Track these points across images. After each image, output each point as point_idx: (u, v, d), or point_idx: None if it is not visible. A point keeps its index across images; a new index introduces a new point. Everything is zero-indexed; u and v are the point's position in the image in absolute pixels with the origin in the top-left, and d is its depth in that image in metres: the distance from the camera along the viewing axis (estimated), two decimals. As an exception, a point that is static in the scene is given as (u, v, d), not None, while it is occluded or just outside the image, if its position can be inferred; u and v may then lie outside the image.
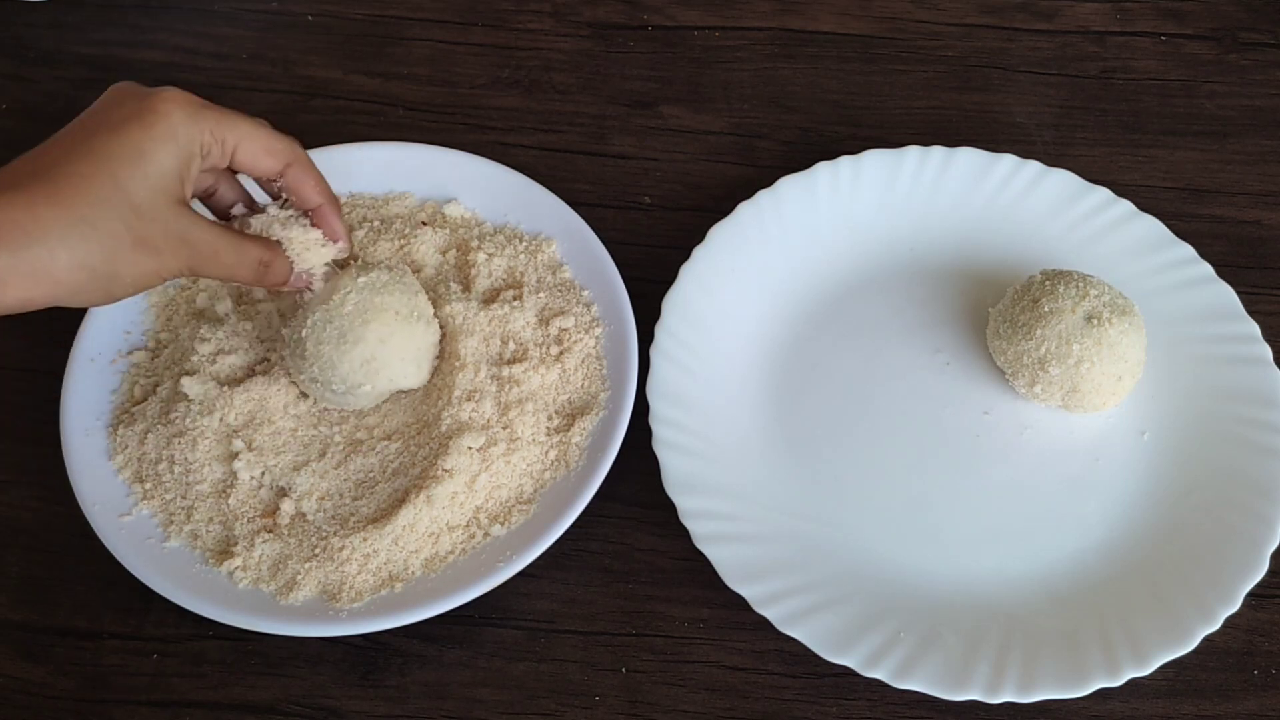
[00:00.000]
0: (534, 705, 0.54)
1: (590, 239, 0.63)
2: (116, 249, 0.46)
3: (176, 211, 0.48)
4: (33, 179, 0.45)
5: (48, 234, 0.44)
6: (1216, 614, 0.53)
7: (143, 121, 0.47)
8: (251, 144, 0.51)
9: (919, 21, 0.76)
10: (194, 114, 0.49)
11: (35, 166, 0.46)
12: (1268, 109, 0.73)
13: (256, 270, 0.52)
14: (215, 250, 0.50)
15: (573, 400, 0.59)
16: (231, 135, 0.50)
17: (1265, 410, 0.59)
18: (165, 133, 0.48)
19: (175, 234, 0.48)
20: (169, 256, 0.48)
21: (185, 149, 0.48)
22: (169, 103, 0.48)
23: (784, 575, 0.54)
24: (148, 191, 0.47)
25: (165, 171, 0.47)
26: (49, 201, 0.44)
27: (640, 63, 0.75)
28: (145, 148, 0.47)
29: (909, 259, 0.65)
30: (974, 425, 0.60)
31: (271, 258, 0.53)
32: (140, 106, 0.48)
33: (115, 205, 0.46)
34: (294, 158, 0.53)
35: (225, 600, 0.53)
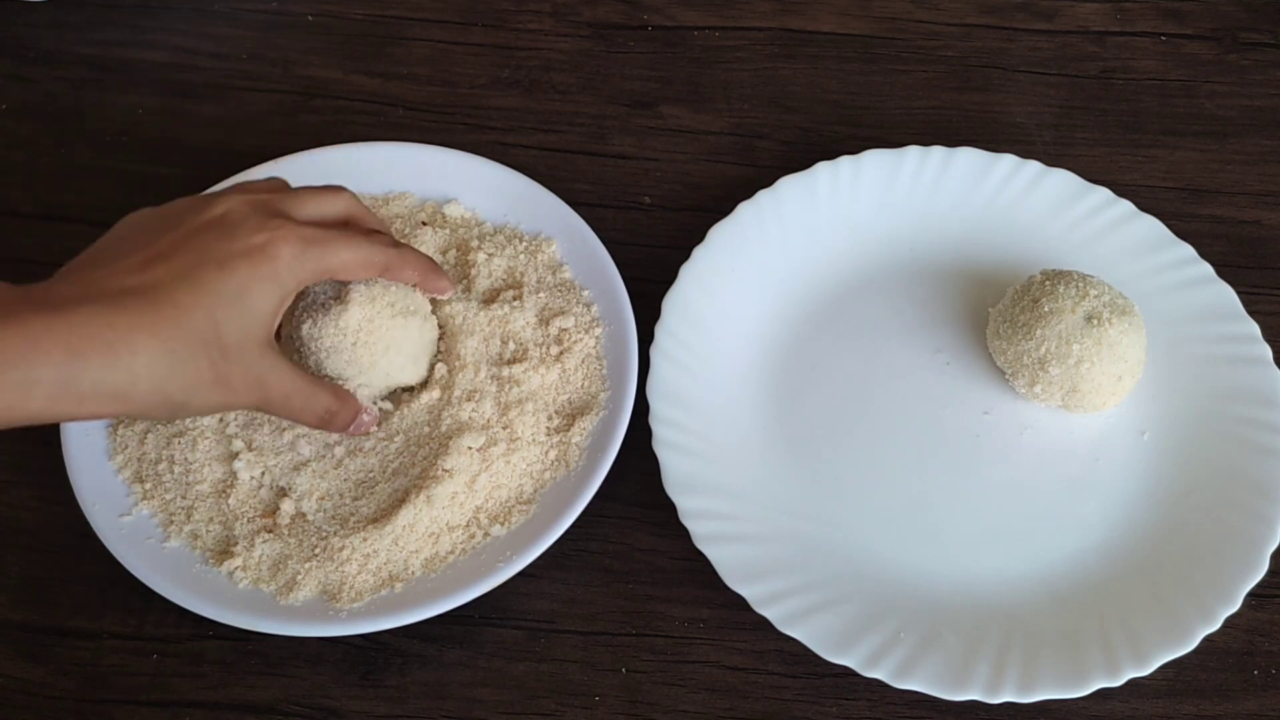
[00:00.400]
0: (534, 705, 0.54)
1: (590, 239, 0.63)
2: (196, 384, 0.46)
3: (260, 354, 0.48)
4: (135, 298, 0.45)
5: (135, 360, 0.44)
6: (1216, 614, 0.53)
7: (251, 261, 0.47)
8: (349, 268, 0.52)
9: (919, 21, 0.76)
10: (301, 255, 0.49)
11: (138, 282, 0.45)
12: (1268, 109, 0.73)
13: (321, 418, 0.52)
14: (286, 395, 0.50)
15: (573, 400, 0.59)
16: (332, 265, 0.51)
17: (1265, 410, 0.59)
18: (270, 275, 0.48)
19: (255, 377, 0.48)
20: (242, 395, 0.48)
21: (284, 290, 0.49)
22: (280, 246, 0.48)
23: (784, 575, 0.54)
24: (240, 333, 0.47)
25: (261, 313, 0.48)
26: (146, 328, 0.44)
27: (640, 63, 0.75)
28: (248, 289, 0.47)
29: (909, 259, 0.65)
30: (974, 425, 0.60)
31: (339, 408, 0.53)
32: (251, 244, 0.48)
33: (205, 343, 0.46)
34: (388, 262, 0.53)
35: (225, 600, 0.53)
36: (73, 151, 0.71)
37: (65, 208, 0.69)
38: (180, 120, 0.72)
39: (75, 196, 0.69)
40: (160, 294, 0.45)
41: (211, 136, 0.71)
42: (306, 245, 0.49)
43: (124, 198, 0.69)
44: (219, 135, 0.71)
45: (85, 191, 0.69)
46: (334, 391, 0.53)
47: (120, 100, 0.73)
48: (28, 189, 0.69)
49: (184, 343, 0.45)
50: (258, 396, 0.49)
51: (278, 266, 0.48)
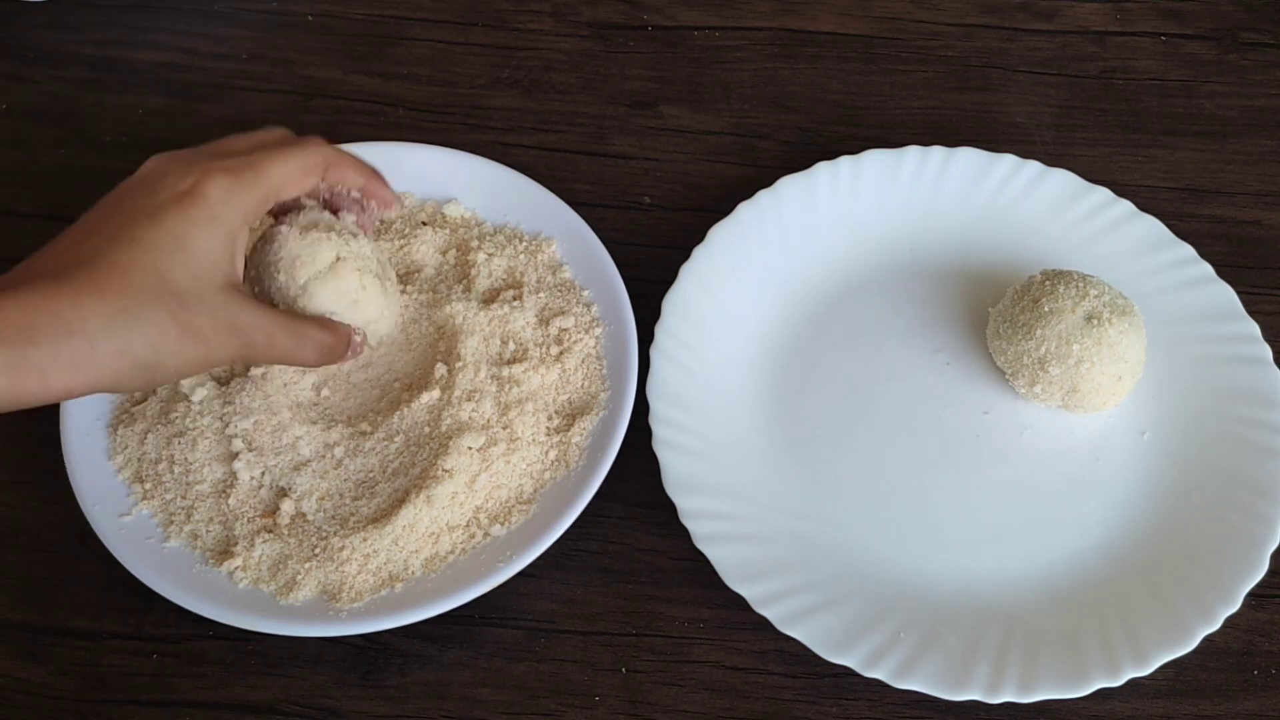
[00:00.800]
0: (534, 705, 0.54)
1: (590, 239, 0.63)
2: (161, 338, 0.45)
3: (224, 297, 0.47)
4: (75, 268, 0.44)
5: (88, 325, 0.43)
6: (1216, 614, 0.53)
7: (181, 206, 0.47)
8: (289, 180, 0.50)
9: (919, 21, 0.76)
10: (232, 188, 0.48)
11: (78, 255, 0.45)
12: (1268, 109, 0.73)
13: (318, 352, 0.51)
14: (270, 336, 0.48)
15: (573, 400, 0.59)
16: (270, 186, 0.49)
17: (1265, 410, 0.59)
18: (204, 215, 0.47)
19: (224, 320, 0.47)
20: (217, 344, 0.47)
21: (228, 227, 0.48)
22: (207, 183, 0.47)
23: (784, 575, 0.54)
24: (191, 279, 0.46)
25: (208, 255, 0.47)
26: (91, 291, 0.44)
27: (640, 63, 0.75)
28: (185, 233, 0.46)
29: (909, 259, 0.65)
30: (974, 425, 0.60)
31: (333, 338, 0.52)
32: (177, 190, 0.47)
33: (157, 295, 0.45)
34: (325, 160, 0.52)
35: (225, 600, 0.53)
36: (73, 151, 0.71)
37: (65, 208, 0.69)
38: (180, 120, 0.72)
39: (75, 196, 0.69)
40: (98, 259, 0.45)
41: (211, 136, 0.70)
42: (235, 175, 0.48)
43: (124, 198, 0.69)
44: (219, 135, 0.70)
45: (85, 191, 0.69)
46: (319, 322, 0.51)
47: (120, 100, 0.73)
48: (28, 189, 0.69)
49: (134, 298, 0.44)
50: (236, 343, 0.47)
51: (210, 205, 0.47)
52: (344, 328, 0.52)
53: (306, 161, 0.51)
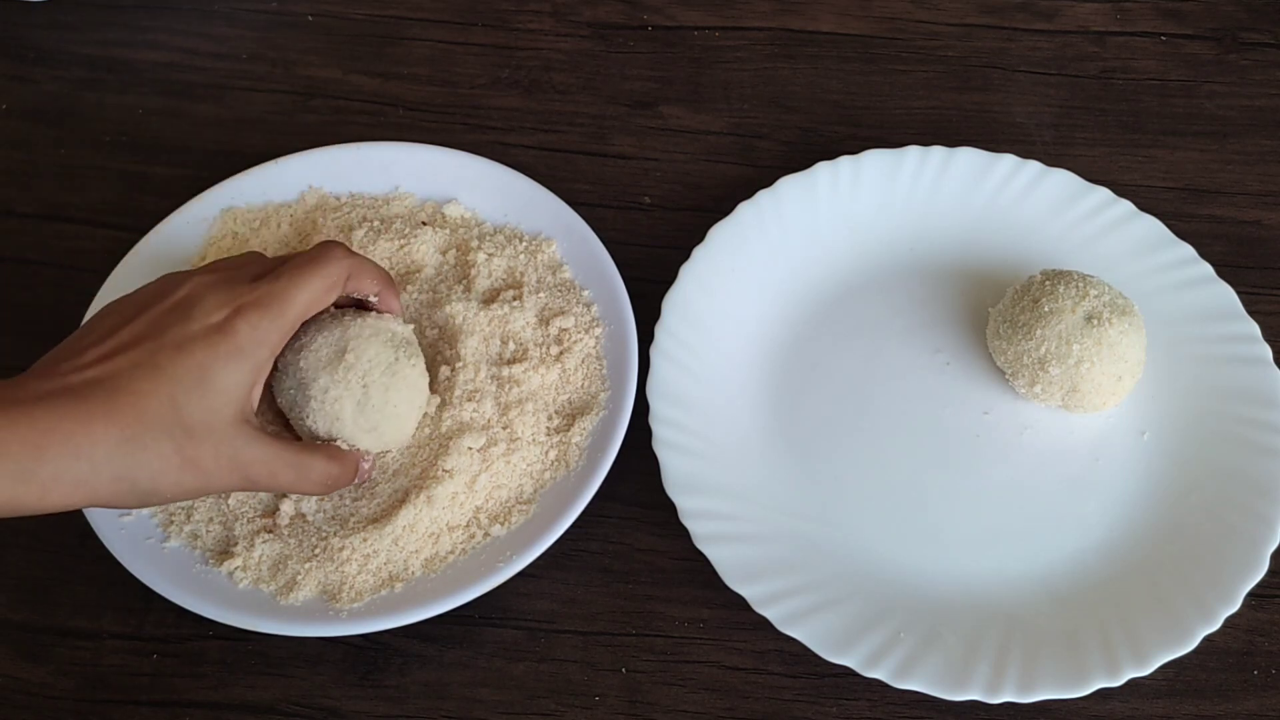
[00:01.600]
0: (534, 705, 0.54)
1: (590, 239, 0.63)
2: (162, 469, 0.46)
3: (233, 431, 0.47)
4: (93, 389, 0.45)
5: (95, 450, 0.44)
6: (1216, 614, 0.53)
7: (210, 341, 0.47)
8: (314, 304, 0.51)
9: (919, 21, 0.76)
10: (258, 324, 0.48)
11: (98, 373, 0.46)
12: (1268, 109, 0.73)
13: (323, 485, 0.52)
14: (272, 471, 0.49)
15: (573, 400, 0.59)
16: (296, 316, 0.50)
17: (1265, 410, 0.59)
18: (232, 351, 0.47)
19: (227, 456, 0.47)
20: (216, 477, 0.47)
21: (254, 362, 0.48)
22: (238, 321, 0.48)
23: (784, 575, 0.54)
24: (205, 413, 0.46)
25: (227, 390, 0.47)
26: (104, 417, 0.44)
27: (640, 63, 0.75)
28: (209, 369, 0.47)
29: (909, 259, 0.65)
30: (974, 425, 0.60)
31: (339, 472, 0.52)
32: (209, 324, 0.48)
33: (167, 427, 0.46)
34: (347, 272, 0.52)
35: (225, 600, 0.53)
36: (73, 151, 0.71)
37: (65, 208, 0.69)
38: (180, 120, 0.72)
39: (75, 196, 0.69)
40: (119, 383, 0.45)
41: (211, 136, 0.71)
42: (264, 309, 0.49)
43: (124, 198, 0.69)
44: (219, 135, 0.71)
45: (85, 191, 0.69)
46: (327, 453, 0.52)
47: (120, 100, 0.73)
48: (28, 189, 0.69)
49: (144, 428, 0.45)
50: (238, 477, 0.48)
51: (238, 341, 0.48)
52: (351, 455, 0.53)
53: (330, 280, 0.51)
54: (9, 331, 0.64)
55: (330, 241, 0.53)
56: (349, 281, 0.53)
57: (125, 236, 0.64)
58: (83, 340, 0.48)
